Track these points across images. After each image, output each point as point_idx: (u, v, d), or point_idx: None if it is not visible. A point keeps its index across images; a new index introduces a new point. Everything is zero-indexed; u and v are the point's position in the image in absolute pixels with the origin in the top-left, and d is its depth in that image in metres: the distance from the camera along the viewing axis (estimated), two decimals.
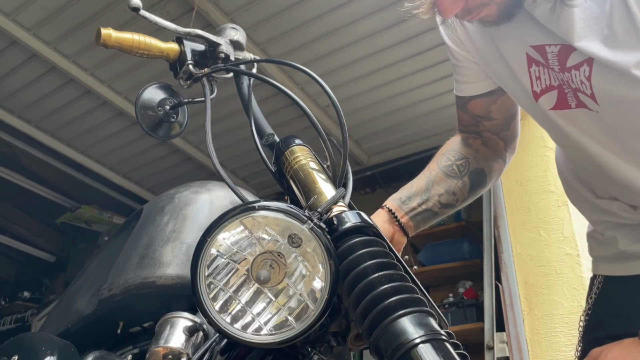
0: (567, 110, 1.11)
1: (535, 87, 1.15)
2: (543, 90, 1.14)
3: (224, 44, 1.13)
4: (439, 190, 1.29)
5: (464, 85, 1.35)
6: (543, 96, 1.14)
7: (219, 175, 0.91)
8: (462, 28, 1.26)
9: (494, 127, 1.36)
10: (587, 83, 1.04)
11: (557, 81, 1.10)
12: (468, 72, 1.32)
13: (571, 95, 1.09)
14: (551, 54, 1.08)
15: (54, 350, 0.93)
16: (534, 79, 1.14)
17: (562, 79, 1.09)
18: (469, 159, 1.35)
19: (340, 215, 0.85)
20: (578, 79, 1.05)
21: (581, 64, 1.04)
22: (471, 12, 1.07)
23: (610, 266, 1.19)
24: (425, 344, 0.72)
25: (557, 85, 1.11)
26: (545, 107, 1.15)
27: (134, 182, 4.53)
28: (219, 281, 0.80)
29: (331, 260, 0.78)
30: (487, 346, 2.97)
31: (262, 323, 0.79)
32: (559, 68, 1.08)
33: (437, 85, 3.47)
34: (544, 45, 1.09)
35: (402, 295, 0.77)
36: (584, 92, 1.06)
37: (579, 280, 2.92)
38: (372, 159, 4.23)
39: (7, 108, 3.71)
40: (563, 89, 1.10)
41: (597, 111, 1.07)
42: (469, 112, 1.37)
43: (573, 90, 1.08)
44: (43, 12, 3.00)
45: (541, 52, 1.10)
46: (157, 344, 0.93)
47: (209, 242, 0.80)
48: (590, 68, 1.03)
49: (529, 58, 1.13)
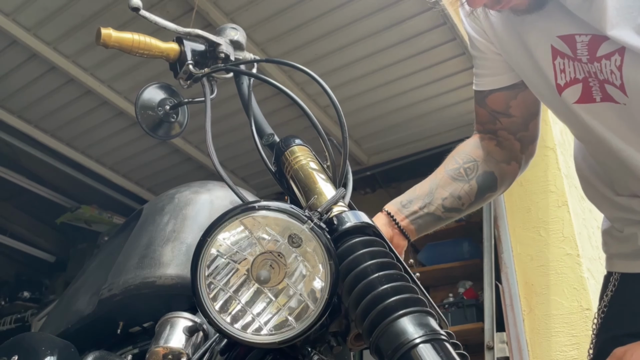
0: (592, 104, 1.09)
1: (559, 80, 1.12)
2: (567, 84, 1.11)
3: (224, 44, 1.13)
4: (443, 193, 1.27)
5: (485, 78, 1.31)
6: (567, 89, 1.12)
7: (219, 175, 0.91)
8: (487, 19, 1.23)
9: (511, 126, 1.32)
10: (617, 73, 1.02)
11: (583, 74, 1.08)
12: (490, 64, 1.29)
13: (596, 89, 1.07)
14: (581, 44, 1.06)
15: (54, 350, 0.93)
16: (559, 71, 1.12)
17: (589, 71, 1.07)
18: (478, 162, 1.31)
19: (340, 215, 0.85)
20: (608, 68, 1.03)
21: (612, 53, 1.02)
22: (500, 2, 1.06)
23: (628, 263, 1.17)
24: (425, 344, 0.72)
25: (582, 78, 1.09)
26: (570, 101, 1.13)
27: (134, 182, 4.52)
28: (219, 281, 0.80)
29: (331, 260, 0.78)
30: (487, 346, 2.97)
31: (262, 323, 0.79)
32: (587, 58, 1.06)
33: (437, 85, 3.47)
34: (573, 35, 1.07)
35: (402, 295, 0.77)
36: (612, 84, 1.04)
37: (579, 280, 2.92)
38: (372, 159, 4.23)
39: (7, 108, 3.71)
40: (588, 82, 1.08)
41: (625, 103, 1.04)
42: (488, 107, 1.33)
43: (600, 82, 1.06)
44: (43, 12, 3.00)
45: (569, 42, 1.08)
46: (157, 344, 0.93)
47: (209, 242, 0.80)
48: (622, 57, 1.01)
49: (554, 50, 1.11)
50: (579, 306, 2.90)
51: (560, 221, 3.16)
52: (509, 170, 1.34)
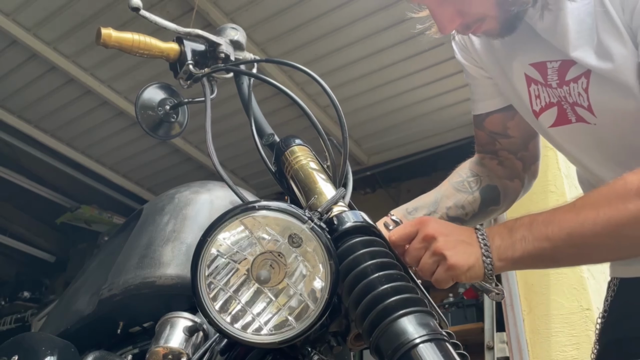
0: (568, 126, 1.13)
1: (534, 107, 1.17)
2: (542, 109, 1.16)
3: (224, 44, 1.13)
4: (447, 203, 1.29)
5: (480, 103, 1.36)
6: (542, 114, 1.17)
7: (219, 175, 0.91)
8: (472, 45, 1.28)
9: (511, 146, 1.35)
10: (584, 95, 1.06)
11: (556, 98, 1.13)
12: (483, 89, 1.33)
13: (570, 111, 1.11)
14: (551, 69, 1.11)
15: (54, 350, 0.93)
16: (534, 97, 1.16)
17: (559, 95, 1.11)
18: (481, 177, 1.34)
19: (340, 215, 0.85)
20: (576, 91, 1.08)
21: (579, 76, 1.06)
22: (470, 27, 1.09)
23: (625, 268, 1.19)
24: (425, 344, 0.72)
25: (556, 102, 1.13)
26: (545, 125, 1.18)
27: (134, 182, 4.52)
28: (219, 281, 0.80)
29: (331, 260, 0.78)
30: (487, 346, 2.97)
31: (262, 323, 0.79)
32: (557, 83, 1.11)
33: (437, 85, 3.47)
34: (544, 62, 1.11)
35: (402, 295, 0.77)
36: (581, 105, 1.08)
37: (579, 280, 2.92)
38: (372, 159, 4.23)
39: (7, 108, 3.71)
40: (562, 105, 1.12)
41: (595, 124, 1.09)
42: (486, 129, 1.36)
43: (571, 105, 1.10)
44: (43, 12, 3.00)
45: (541, 69, 1.13)
46: (157, 344, 0.93)
47: (209, 242, 0.80)
48: (587, 80, 1.05)
49: (528, 78, 1.16)
50: (579, 306, 2.89)
51: None
52: (511, 186, 1.36)
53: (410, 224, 0.98)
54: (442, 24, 1.08)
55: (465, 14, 1.06)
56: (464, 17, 1.06)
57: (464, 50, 1.33)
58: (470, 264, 0.93)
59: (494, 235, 0.96)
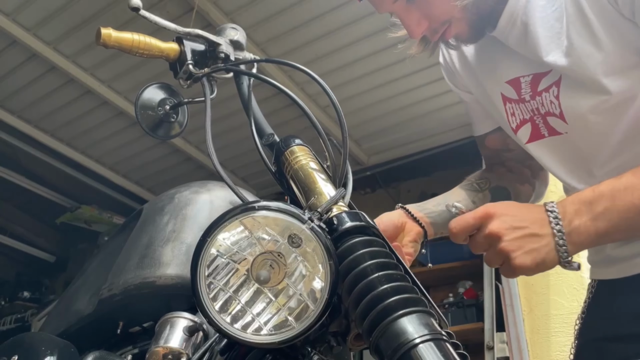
0: (541, 140, 1.16)
1: (512, 124, 1.20)
2: (518, 125, 1.19)
3: (224, 44, 1.13)
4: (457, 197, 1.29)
5: (477, 125, 1.38)
6: (519, 131, 1.19)
7: (219, 175, 0.91)
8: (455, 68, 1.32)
9: (516, 157, 1.36)
10: (556, 102, 1.09)
11: (529, 113, 1.15)
12: (475, 112, 1.36)
13: (542, 125, 1.14)
14: (524, 83, 1.14)
15: (54, 350, 0.93)
16: (510, 115, 1.19)
17: (532, 108, 1.14)
18: (490, 179, 1.35)
19: (340, 215, 0.85)
20: (548, 100, 1.10)
21: (550, 86, 1.09)
22: (437, 31, 1.14)
23: (602, 270, 1.20)
24: (425, 344, 0.72)
25: (529, 117, 1.16)
26: (523, 141, 1.19)
27: (134, 182, 4.53)
28: (219, 281, 0.80)
29: (331, 260, 0.78)
30: (487, 346, 2.97)
31: (262, 323, 0.79)
32: (530, 95, 1.13)
33: (437, 85, 3.46)
34: (518, 78, 1.15)
35: (402, 295, 0.77)
36: (553, 114, 1.10)
37: (579, 280, 2.92)
38: (372, 159, 4.23)
39: (7, 108, 3.71)
40: (534, 120, 1.15)
41: (566, 132, 1.10)
42: (488, 148, 1.38)
43: (543, 116, 1.13)
44: (43, 12, 3.00)
45: (515, 85, 1.16)
46: (157, 344, 0.93)
47: (209, 242, 0.80)
48: (558, 88, 1.08)
49: (503, 97, 1.19)
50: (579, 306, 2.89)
51: None
52: (522, 189, 1.36)
53: (474, 217, 0.93)
54: (411, 29, 1.15)
55: (431, 18, 1.11)
56: (430, 21, 1.11)
57: (450, 74, 1.37)
58: (538, 261, 0.89)
59: (572, 215, 0.91)
